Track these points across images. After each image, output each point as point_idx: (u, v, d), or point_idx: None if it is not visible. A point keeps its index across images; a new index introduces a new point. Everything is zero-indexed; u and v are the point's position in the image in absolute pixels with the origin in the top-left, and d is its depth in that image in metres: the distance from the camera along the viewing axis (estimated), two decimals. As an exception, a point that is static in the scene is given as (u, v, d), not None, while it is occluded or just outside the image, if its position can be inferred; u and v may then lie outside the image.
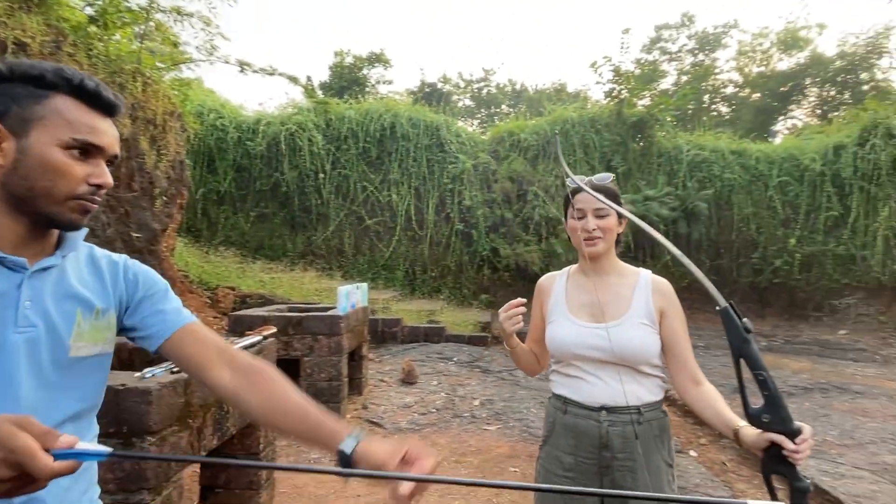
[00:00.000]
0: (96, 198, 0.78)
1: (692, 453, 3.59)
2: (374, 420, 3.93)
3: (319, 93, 14.76)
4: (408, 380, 5.00)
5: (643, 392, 1.31)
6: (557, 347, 1.37)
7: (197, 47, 5.94)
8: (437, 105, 12.02)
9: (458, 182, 10.13)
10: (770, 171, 10.27)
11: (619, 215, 1.36)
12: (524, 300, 1.35)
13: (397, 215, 10.04)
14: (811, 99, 19.41)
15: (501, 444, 3.53)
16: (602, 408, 1.29)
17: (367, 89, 16.67)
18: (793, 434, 0.91)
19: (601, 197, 1.26)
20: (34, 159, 0.72)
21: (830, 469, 3.07)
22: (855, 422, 4.02)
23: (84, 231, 0.85)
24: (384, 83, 17.78)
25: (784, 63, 19.78)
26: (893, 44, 17.42)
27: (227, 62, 6.15)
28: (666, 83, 21.26)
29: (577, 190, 1.35)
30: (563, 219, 1.48)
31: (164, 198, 5.34)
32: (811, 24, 20.22)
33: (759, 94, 19.75)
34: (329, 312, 3.99)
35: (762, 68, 20.22)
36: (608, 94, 11.12)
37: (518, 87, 25.54)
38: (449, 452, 3.37)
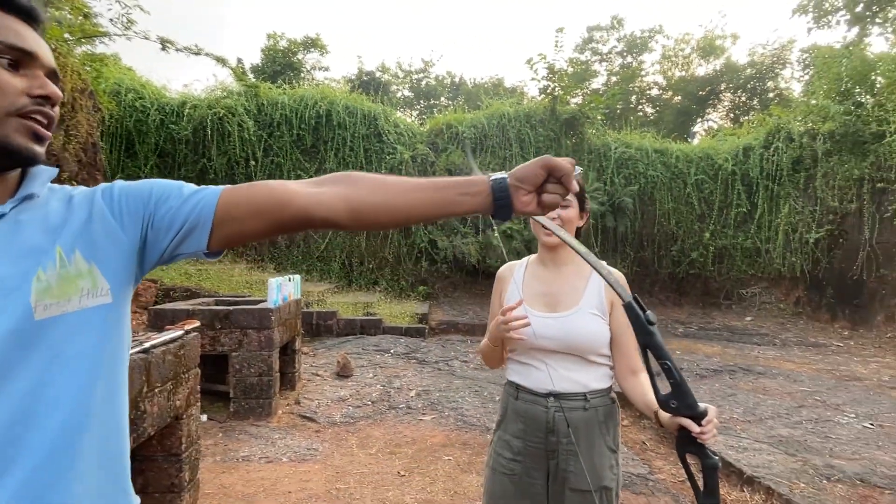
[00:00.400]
0: (47, 111, 0.65)
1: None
2: (307, 415, 3.85)
3: (251, 76, 14.12)
4: (343, 373, 4.93)
5: (590, 380, 1.36)
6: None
7: (112, 20, 5.48)
8: (375, 94, 11.85)
9: (397, 173, 10.02)
10: (688, 170, 10.97)
11: (581, 208, 1.44)
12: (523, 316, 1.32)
13: (333, 206, 9.82)
14: (725, 103, 20.92)
15: (436, 434, 3.58)
16: (549, 394, 1.34)
17: (303, 75, 16.15)
18: (698, 417, 0.97)
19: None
20: None
21: (735, 444, 3.36)
22: (757, 400, 4.42)
23: (50, 172, 0.70)
24: (320, 69, 17.30)
25: (702, 69, 21.17)
26: (794, 56, 19.10)
27: (146, 38, 5.72)
28: (597, 83, 22.16)
29: None
30: None
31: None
32: (726, 33, 21.76)
33: (679, 97, 21.01)
34: (259, 306, 3.86)
35: (683, 73, 21.50)
36: (543, 90, 11.42)
37: (457, 79, 25.66)
38: (383, 444, 3.37)
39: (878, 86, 9.29)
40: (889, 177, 8.26)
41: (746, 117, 17.44)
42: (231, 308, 3.77)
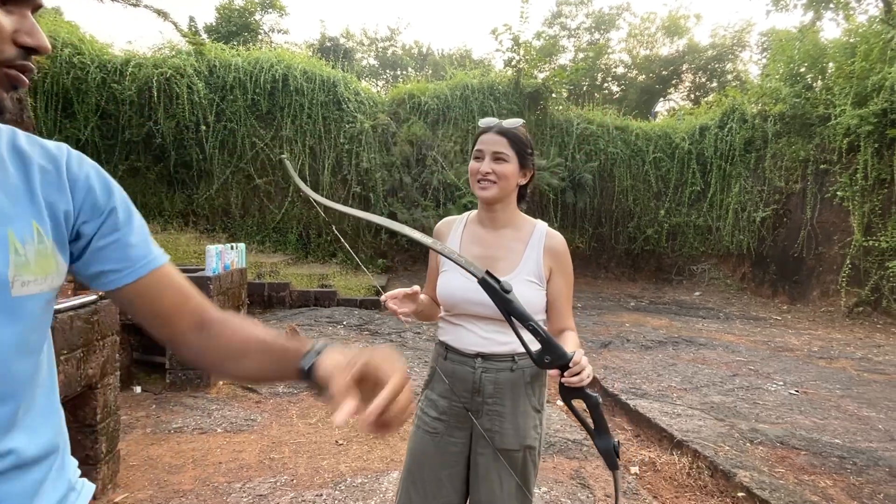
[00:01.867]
0: (28, 65, 0.58)
1: (559, 403, 3.89)
2: (248, 385, 3.77)
3: (204, 36, 13.39)
4: (291, 344, 4.84)
5: (520, 344, 1.34)
6: (446, 298, 1.38)
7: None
8: (339, 61, 11.45)
9: (356, 143, 9.81)
10: (647, 148, 11.14)
11: (522, 164, 1.35)
12: (417, 290, 1.32)
13: (290, 175, 9.53)
14: (686, 84, 21.26)
15: (380, 404, 3.56)
16: (478, 355, 1.33)
17: (261, 37, 15.45)
18: (566, 367, 1.06)
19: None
20: None
21: (669, 410, 3.48)
22: (695, 369, 4.59)
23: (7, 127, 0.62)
24: (279, 32, 16.57)
25: (666, 48, 21.37)
26: (753, 38, 19.51)
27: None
28: (564, 58, 22.08)
29: (484, 131, 1.37)
30: (459, 186, 1.48)
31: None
32: (690, 13, 21.97)
33: (644, 76, 21.20)
34: (197, 274, 3.70)
35: (648, 52, 21.66)
36: (507, 62, 11.29)
37: (425, 49, 25.12)
38: (324, 414, 3.33)
39: (828, 71, 9.58)
40: (831, 159, 8.59)
41: (706, 99, 17.78)
42: (166, 276, 3.61)
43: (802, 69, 9.78)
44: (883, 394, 4.09)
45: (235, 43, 10.93)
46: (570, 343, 1.31)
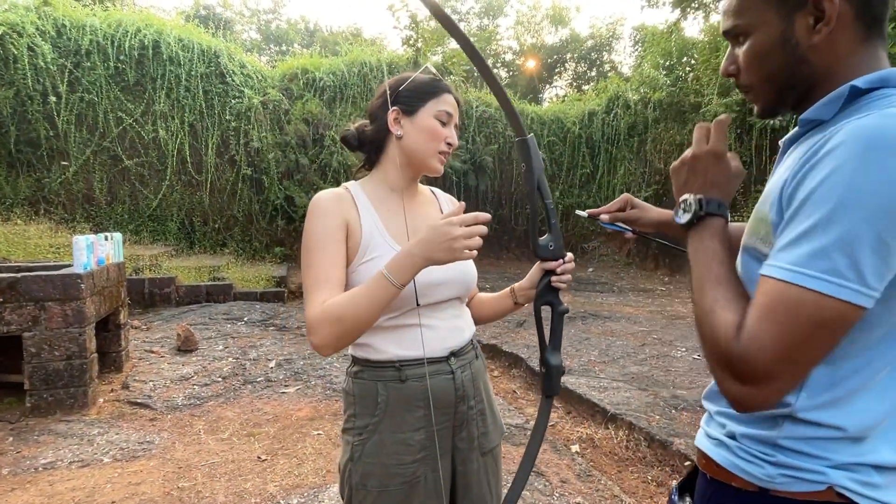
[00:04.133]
0: None
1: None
2: (138, 401, 3.20)
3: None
4: (185, 347, 4.24)
5: (468, 323, 1.18)
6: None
7: None
8: (219, 31, 10.27)
9: (245, 120, 8.93)
10: (542, 132, 11.55)
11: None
12: (488, 216, 0.96)
13: (167, 156, 8.44)
14: (569, 72, 22.47)
15: (302, 407, 3.21)
16: (451, 354, 1.09)
17: (120, -2, 13.44)
18: (562, 258, 1.05)
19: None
20: None
21: (596, 384, 3.56)
22: (608, 342, 4.80)
23: None
24: (143, -6, 14.56)
25: (551, 37, 22.36)
26: (626, 32, 21.13)
27: None
28: (454, 43, 22.18)
29: (448, 88, 1.12)
30: (376, 138, 1.16)
31: None
32: (571, 4, 23.22)
33: (531, 64, 22.01)
34: (63, 271, 3.02)
35: (534, 40, 22.50)
36: (405, 41, 10.97)
37: (312, 25, 23.76)
38: (239, 426, 2.92)
39: (693, 62, 10.60)
40: (703, 143, 9.55)
41: (587, 87, 18.93)
42: (19, 275, 2.89)
43: (673, 61, 10.72)
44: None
45: (91, 2, 9.33)
46: (491, 294, 1.27)
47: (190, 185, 8.67)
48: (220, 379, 3.66)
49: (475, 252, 0.93)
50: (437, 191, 1.27)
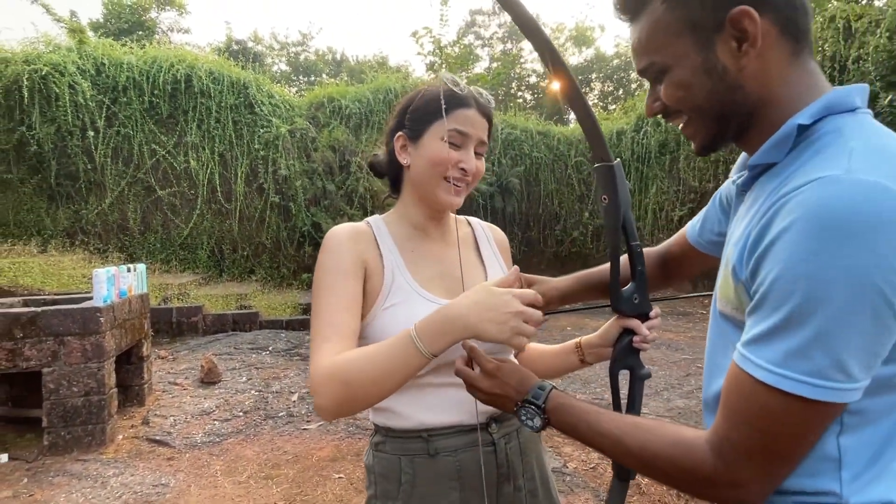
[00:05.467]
0: None
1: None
2: (157, 438, 3.09)
3: (90, 34, 11.90)
4: (208, 379, 4.16)
5: None
6: None
7: None
8: (249, 65, 10.56)
9: (273, 149, 9.06)
10: (569, 152, 11.38)
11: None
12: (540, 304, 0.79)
13: (198, 185, 8.60)
14: (596, 92, 22.33)
15: (324, 446, 3.04)
16: (491, 420, 0.89)
17: (157, 37, 14.08)
18: (646, 318, 0.86)
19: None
20: None
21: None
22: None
23: None
24: (179, 32, 15.25)
25: (575, 58, 22.34)
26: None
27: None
28: (479, 67, 22.38)
29: (463, 102, 0.89)
30: (388, 173, 1.00)
31: None
32: (595, 24, 23.22)
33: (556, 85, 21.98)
34: (82, 305, 2.98)
35: (560, 61, 22.50)
36: (429, 66, 11.06)
37: (339, 56, 24.42)
38: (257, 467, 2.77)
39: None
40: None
41: (613, 106, 18.72)
42: (39, 310, 2.86)
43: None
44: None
45: (128, 41, 9.74)
46: (548, 347, 1.06)
47: (220, 214, 8.79)
48: (241, 413, 3.54)
49: (526, 341, 0.74)
50: (475, 221, 1.08)
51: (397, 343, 0.76)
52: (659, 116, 0.66)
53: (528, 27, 0.77)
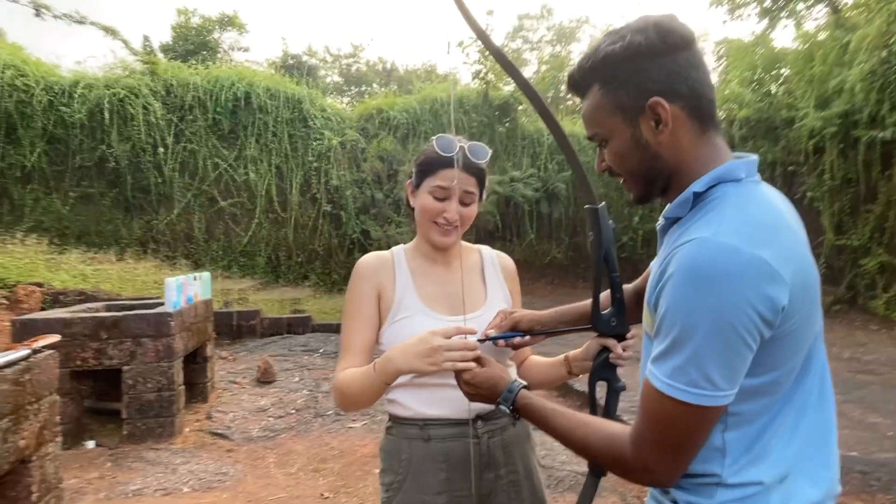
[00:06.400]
0: None
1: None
2: (219, 431, 3.40)
3: (160, 56, 12.89)
4: (264, 378, 4.48)
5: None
6: None
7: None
8: (303, 78, 11.13)
9: (325, 160, 9.50)
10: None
11: (481, 197, 1.15)
12: (475, 345, 0.95)
13: (256, 196, 9.14)
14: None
15: (367, 443, 3.25)
16: (478, 416, 1.06)
17: (220, 56, 15.01)
18: (623, 338, 0.97)
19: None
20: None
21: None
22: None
23: None
24: (240, 50, 16.17)
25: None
26: (709, 47, 20.12)
27: (15, 1, 4.87)
28: (527, 71, 22.32)
29: (447, 163, 1.07)
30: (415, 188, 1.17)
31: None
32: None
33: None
34: (156, 310, 3.33)
35: (610, 62, 22.09)
36: (475, 75, 11.20)
37: (389, 65, 25.02)
38: (306, 460, 3.01)
39: (784, 74, 9.84)
40: (798, 160, 8.75)
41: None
42: (121, 314, 3.23)
43: (761, 75, 10.01)
44: (882, 396, 4.01)
45: (194, 62, 10.50)
46: (545, 359, 1.21)
47: (276, 223, 9.30)
48: (293, 411, 3.81)
49: (459, 365, 0.92)
50: (486, 250, 1.25)
51: (369, 370, 1.01)
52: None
53: (516, 77, 0.90)
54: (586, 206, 0.93)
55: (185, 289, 3.56)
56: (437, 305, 1.10)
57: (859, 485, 2.57)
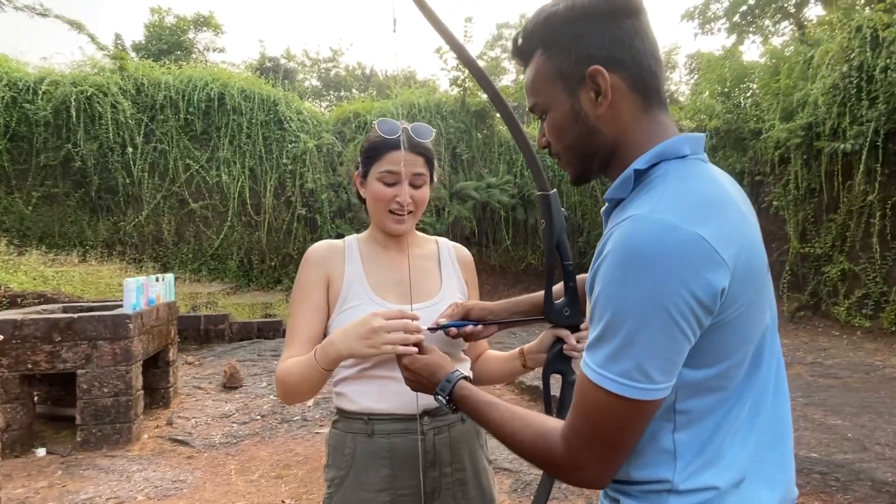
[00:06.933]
0: None
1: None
2: (179, 438, 3.28)
3: (133, 55, 12.60)
4: (230, 384, 4.36)
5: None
6: None
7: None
8: (280, 81, 11.00)
9: (300, 163, 9.38)
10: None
11: (431, 179, 1.12)
12: (417, 323, 0.93)
13: (229, 198, 8.97)
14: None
15: (333, 449, 3.18)
16: (424, 413, 1.02)
17: (195, 56, 14.77)
18: (577, 329, 0.95)
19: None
20: None
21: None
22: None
23: None
24: (215, 51, 15.95)
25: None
26: (681, 60, 20.67)
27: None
28: (506, 80, 22.52)
29: (392, 145, 1.04)
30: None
31: None
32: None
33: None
34: (114, 312, 3.21)
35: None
36: (453, 81, 11.25)
37: (368, 70, 24.99)
38: (269, 467, 2.92)
39: (751, 87, 10.14)
40: (765, 170, 9.00)
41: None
42: (76, 316, 3.10)
43: (730, 88, 10.31)
44: (842, 399, 4.11)
45: (167, 61, 10.29)
46: (500, 353, 1.19)
47: (249, 226, 9.14)
48: (258, 417, 3.72)
49: (400, 348, 0.88)
50: (442, 241, 1.23)
51: (309, 359, 0.97)
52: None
53: (469, 63, 0.88)
54: (538, 192, 0.90)
55: (146, 290, 3.44)
56: (388, 294, 1.07)
57: (818, 485, 2.62)
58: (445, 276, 1.15)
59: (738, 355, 0.63)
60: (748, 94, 10.27)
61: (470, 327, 1.00)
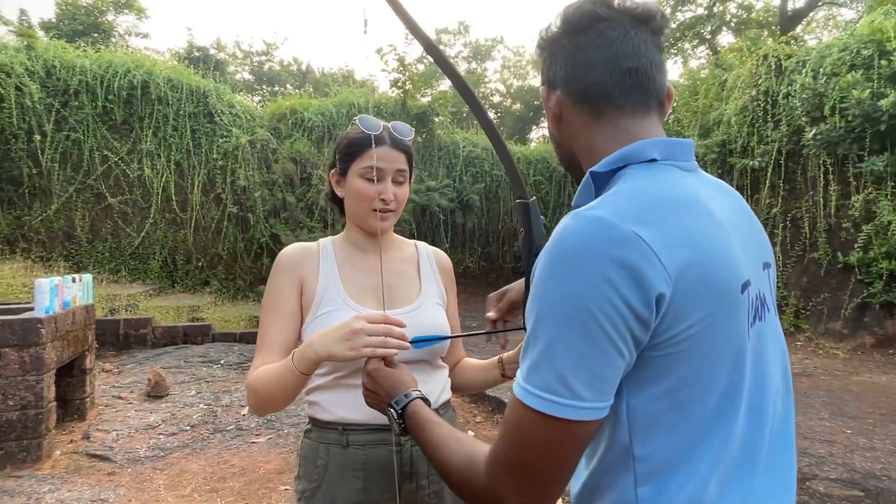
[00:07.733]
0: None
1: (470, 432, 3.68)
2: (98, 453, 3.02)
3: (41, 34, 11.50)
4: (155, 393, 4.07)
5: (438, 389, 1.06)
6: None
7: None
8: (211, 72, 10.43)
9: (232, 159, 8.95)
10: (528, 171, 11.71)
11: (410, 178, 1.11)
12: (401, 328, 0.90)
13: (152, 194, 8.40)
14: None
15: (271, 459, 3.05)
16: None
17: (114, 40, 13.73)
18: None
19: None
20: None
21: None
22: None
23: None
24: (138, 36, 14.92)
25: (536, 80, 23.05)
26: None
27: None
28: (444, 85, 22.74)
29: (376, 142, 1.02)
30: (332, 179, 1.10)
31: None
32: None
33: (519, 105, 22.60)
34: (21, 315, 2.90)
35: (521, 83, 23.17)
36: (394, 83, 11.20)
37: (304, 67, 24.31)
38: (202, 480, 2.76)
39: (673, 106, 10.93)
40: (686, 183, 9.71)
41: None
42: (-24, 321, 2.77)
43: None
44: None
45: (83, 43, 9.46)
46: (478, 361, 1.19)
47: (174, 224, 8.60)
48: (188, 427, 3.50)
49: (380, 351, 0.86)
50: (422, 245, 1.21)
51: (285, 363, 0.93)
52: None
53: (449, 71, 0.87)
54: (518, 199, 0.88)
55: (61, 292, 3.14)
56: (365, 300, 1.04)
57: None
58: (425, 281, 1.13)
59: (699, 386, 0.53)
60: (670, 112, 11.05)
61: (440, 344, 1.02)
